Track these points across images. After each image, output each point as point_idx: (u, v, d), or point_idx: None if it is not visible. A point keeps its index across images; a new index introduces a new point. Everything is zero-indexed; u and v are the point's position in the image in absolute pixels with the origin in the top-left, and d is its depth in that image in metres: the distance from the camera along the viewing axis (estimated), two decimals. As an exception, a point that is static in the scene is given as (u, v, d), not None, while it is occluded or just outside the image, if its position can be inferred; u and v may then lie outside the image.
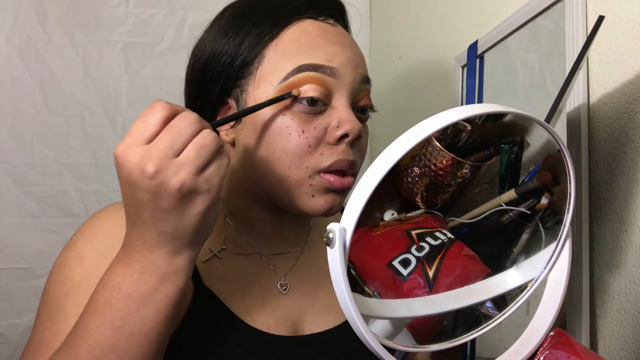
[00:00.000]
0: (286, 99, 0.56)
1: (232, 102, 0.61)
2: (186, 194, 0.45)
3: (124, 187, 0.47)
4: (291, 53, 0.58)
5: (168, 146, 0.44)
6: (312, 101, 0.57)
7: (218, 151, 0.47)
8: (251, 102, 0.59)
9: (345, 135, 0.58)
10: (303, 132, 0.57)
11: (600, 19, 0.57)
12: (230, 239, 0.66)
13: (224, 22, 0.63)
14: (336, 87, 0.58)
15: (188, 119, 0.46)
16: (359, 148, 0.61)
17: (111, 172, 1.41)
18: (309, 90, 0.56)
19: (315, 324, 0.65)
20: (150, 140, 0.45)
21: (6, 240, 1.28)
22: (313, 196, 0.59)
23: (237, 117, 0.59)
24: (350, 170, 0.60)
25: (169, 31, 1.36)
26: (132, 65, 1.35)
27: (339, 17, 0.65)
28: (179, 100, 0.68)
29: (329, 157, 0.58)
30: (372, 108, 0.64)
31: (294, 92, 0.56)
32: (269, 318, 0.62)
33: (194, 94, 0.65)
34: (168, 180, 0.44)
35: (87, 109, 1.32)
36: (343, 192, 0.60)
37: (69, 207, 1.31)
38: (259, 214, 0.66)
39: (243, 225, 0.67)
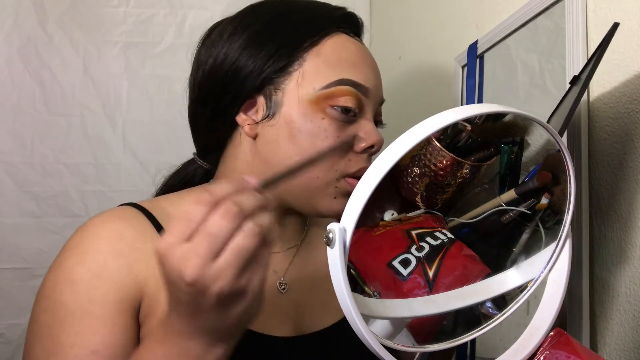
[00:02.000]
0: (345, 144, 0.61)
1: (260, 99, 0.62)
2: (226, 298, 0.43)
3: (165, 281, 0.45)
4: (334, 64, 0.62)
5: (207, 250, 0.41)
6: (346, 110, 0.60)
7: (263, 244, 0.44)
8: (292, 100, 0.61)
9: (371, 147, 0.62)
10: (339, 137, 0.60)
11: (615, 25, 0.56)
12: None
13: (259, 23, 0.64)
14: (365, 104, 0.63)
15: (228, 218, 0.42)
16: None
17: (111, 172, 1.42)
18: (346, 101, 0.61)
19: (315, 322, 0.65)
20: (190, 239, 0.42)
21: (6, 240, 1.28)
22: (335, 198, 0.62)
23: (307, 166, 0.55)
24: None
25: (169, 31, 1.35)
26: (132, 65, 1.34)
27: (361, 35, 0.69)
28: (179, 100, 0.68)
29: (355, 164, 0.62)
30: (381, 123, 0.68)
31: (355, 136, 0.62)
32: (270, 319, 0.62)
33: (217, 88, 0.64)
34: (207, 287, 0.42)
35: (87, 109, 1.32)
36: None
37: (69, 207, 1.31)
38: None
39: None
